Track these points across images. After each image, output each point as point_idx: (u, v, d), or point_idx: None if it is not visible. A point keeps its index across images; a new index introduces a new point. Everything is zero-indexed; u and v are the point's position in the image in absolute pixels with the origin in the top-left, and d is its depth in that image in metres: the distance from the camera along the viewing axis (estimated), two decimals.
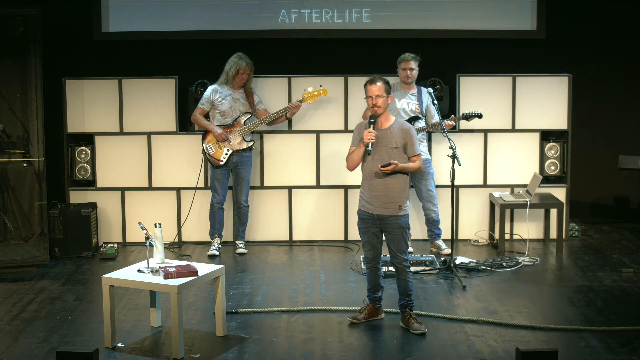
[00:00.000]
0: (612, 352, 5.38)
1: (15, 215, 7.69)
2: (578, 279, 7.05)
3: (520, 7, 8.54)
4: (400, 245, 5.78)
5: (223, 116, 7.76)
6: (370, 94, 5.73)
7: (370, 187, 5.78)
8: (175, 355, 5.34)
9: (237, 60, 7.65)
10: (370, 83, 5.76)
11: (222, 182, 7.83)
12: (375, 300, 6.01)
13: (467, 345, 5.56)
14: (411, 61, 7.62)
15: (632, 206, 9.03)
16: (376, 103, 5.71)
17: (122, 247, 8.21)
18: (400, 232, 5.77)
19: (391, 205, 5.73)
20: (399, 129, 5.77)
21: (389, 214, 5.74)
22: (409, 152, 5.76)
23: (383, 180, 5.72)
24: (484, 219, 8.33)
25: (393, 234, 5.77)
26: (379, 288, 5.99)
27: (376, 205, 5.76)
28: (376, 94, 5.70)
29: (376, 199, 5.75)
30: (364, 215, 5.84)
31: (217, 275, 5.73)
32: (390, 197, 5.72)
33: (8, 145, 7.63)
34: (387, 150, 5.72)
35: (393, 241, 5.79)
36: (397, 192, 5.74)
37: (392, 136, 5.74)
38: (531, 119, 8.29)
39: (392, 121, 5.81)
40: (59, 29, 8.44)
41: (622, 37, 8.77)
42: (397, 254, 5.80)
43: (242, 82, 7.72)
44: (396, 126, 5.78)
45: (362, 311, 6.01)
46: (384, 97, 5.72)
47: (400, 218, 5.76)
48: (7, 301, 6.53)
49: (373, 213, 5.77)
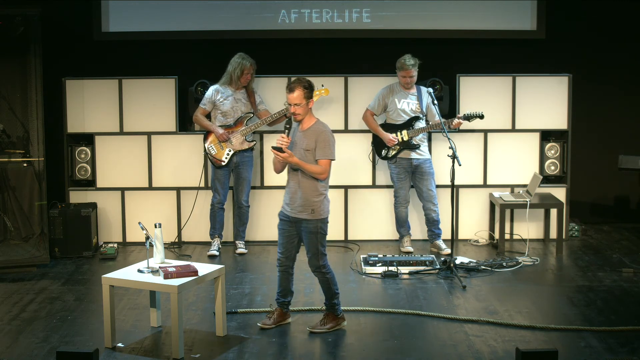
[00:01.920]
0: (612, 352, 5.38)
1: (15, 215, 7.69)
2: (578, 279, 7.05)
3: (520, 7, 8.54)
4: (313, 249, 5.72)
5: (225, 116, 7.76)
6: (289, 102, 5.66)
7: (287, 190, 5.77)
8: (175, 355, 5.34)
9: (240, 61, 7.64)
10: (289, 91, 5.65)
11: (223, 182, 7.83)
12: (283, 305, 5.96)
13: (467, 345, 5.56)
14: (412, 70, 7.61)
15: (632, 206, 9.03)
16: (295, 111, 5.65)
17: (122, 247, 8.21)
18: (312, 236, 5.71)
19: (304, 208, 5.69)
20: (314, 132, 5.69)
21: (302, 218, 5.71)
22: (317, 154, 5.66)
23: (296, 183, 5.69)
24: (484, 219, 8.33)
25: (306, 238, 5.73)
26: (288, 292, 5.94)
27: (292, 208, 5.73)
28: (294, 103, 5.64)
29: (291, 202, 5.73)
30: (282, 217, 5.81)
31: (217, 275, 5.73)
32: (303, 199, 5.68)
33: (8, 145, 7.64)
34: (301, 153, 5.67)
35: (306, 245, 5.75)
36: (310, 195, 5.67)
37: (305, 139, 5.69)
38: (531, 119, 8.29)
39: (312, 123, 5.73)
40: (59, 29, 8.44)
41: (621, 37, 8.77)
42: (310, 258, 5.76)
43: (246, 82, 7.72)
44: (313, 129, 5.71)
45: (270, 316, 5.95)
46: (303, 104, 5.63)
47: (311, 222, 5.69)
48: (7, 301, 6.53)
49: (289, 215, 5.75)
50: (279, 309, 5.95)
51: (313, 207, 5.67)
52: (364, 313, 6.20)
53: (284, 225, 5.81)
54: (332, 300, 5.84)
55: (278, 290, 5.96)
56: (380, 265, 7.21)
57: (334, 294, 5.82)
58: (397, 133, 7.75)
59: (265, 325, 5.88)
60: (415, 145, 7.75)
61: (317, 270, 5.79)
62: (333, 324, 5.85)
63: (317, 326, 5.82)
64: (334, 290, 5.82)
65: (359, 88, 8.23)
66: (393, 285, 6.87)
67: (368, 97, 7.99)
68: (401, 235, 7.99)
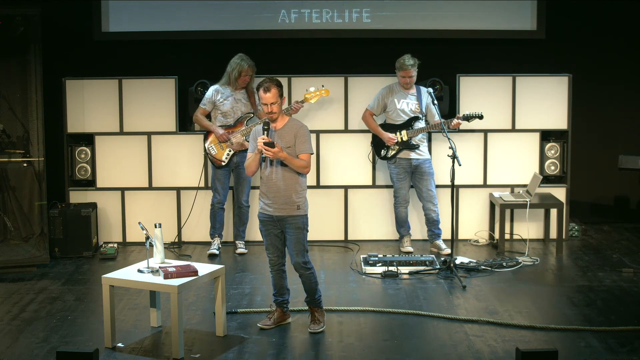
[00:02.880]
0: (612, 352, 5.38)
1: (15, 215, 7.69)
2: (578, 279, 7.05)
3: (520, 7, 8.54)
4: (298, 246, 5.75)
5: (225, 117, 7.76)
6: (264, 102, 5.64)
7: (268, 189, 5.75)
8: (175, 355, 5.34)
9: (239, 62, 7.64)
10: (264, 91, 5.63)
11: (223, 182, 7.83)
12: (282, 304, 5.97)
13: (467, 345, 5.56)
14: (411, 70, 7.61)
15: (632, 206, 9.03)
16: (272, 110, 5.65)
17: (122, 247, 8.21)
18: (299, 232, 5.73)
19: (289, 205, 5.71)
20: (291, 129, 5.72)
21: (287, 215, 5.72)
22: (297, 149, 5.70)
23: (278, 180, 5.70)
24: (484, 219, 8.33)
25: (291, 235, 5.74)
26: (285, 291, 5.96)
27: (275, 207, 5.73)
28: (270, 102, 5.63)
29: (275, 200, 5.72)
30: (264, 218, 5.81)
31: (217, 275, 5.73)
32: (287, 197, 5.70)
33: (8, 145, 7.64)
34: None
35: (292, 242, 5.76)
36: (295, 191, 5.71)
37: (283, 136, 5.71)
38: (531, 119, 8.29)
39: (286, 121, 5.76)
40: (59, 29, 8.44)
41: (622, 37, 8.77)
42: (295, 256, 5.77)
43: (245, 84, 7.72)
44: (288, 126, 5.74)
45: (270, 317, 5.95)
46: (278, 102, 5.65)
47: (298, 218, 5.73)
48: (7, 301, 6.53)
49: (272, 214, 5.75)
50: (279, 309, 5.96)
51: (298, 203, 5.72)
52: (364, 313, 6.20)
53: (267, 226, 5.83)
54: (315, 295, 5.87)
55: (274, 291, 5.97)
56: (380, 265, 7.21)
57: (316, 289, 5.86)
58: (397, 133, 7.75)
59: (265, 325, 5.88)
60: (415, 146, 7.75)
61: (302, 268, 5.79)
62: (323, 316, 5.90)
63: (314, 326, 5.83)
64: (315, 285, 5.85)
65: (359, 88, 8.23)
66: (393, 285, 6.87)
67: (368, 97, 7.99)
68: (401, 235, 7.99)
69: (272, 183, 5.74)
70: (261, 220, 5.85)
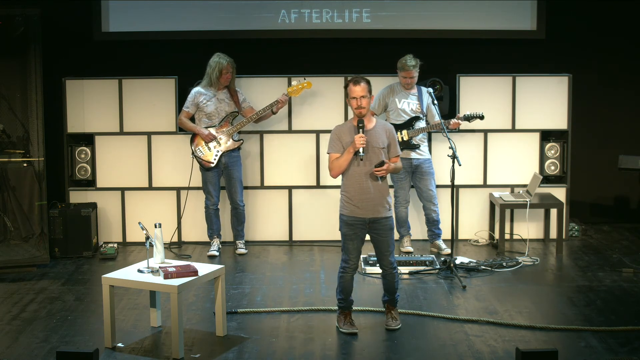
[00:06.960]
0: (612, 352, 5.38)
1: (15, 215, 7.69)
2: (578, 279, 7.05)
3: (520, 7, 8.54)
4: (390, 247, 5.76)
5: (209, 118, 7.72)
6: (354, 95, 5.59)
7: (361, 191, 5.63)
8: (175, 355, 5.34)
9: (218, 60, 7.61)
10: (354, 84, 5.61)
11: (214, 184, 7.81)
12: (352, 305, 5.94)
13: (467, 345, 5.56)
14: (413, 71, 7.61)
15: (632, 206, 9.04)
16: (361, 104, 5.59)
17: (122, 247, 8.21)
18: (390, 233, 5.75)
19: (383, 207, 5.70)
20: (382, 128, 5.72)
21: (381, 216, 5.69)
22: (392, 152, 5.72)
23: (374, 182, 5.65)
24: (484, 219, 8.33)
25: (384, 236, 5.71)
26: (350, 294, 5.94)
27: (367, 209, 5.66)
28: (360, 95, 5.58)
29: (368, 202, 5.65)
30: (353, 221, 5.68)
31: (217, 275, 5.73)
32: (381, 198, 5.68)
33: (8, 145, 7.63)
34: (375, 151, 5.65)
35: (383, 243, 5.72)
36: (387, 193, 5.73)
37: (377, 136, 5.68)
38: (531, 119, 8.29)
39: (375, 121, 5.75)
40: (59, 29, 8.44)
41: (622, 37, 8.77)
42: (387, 257, 5.76)
43: (227, 82, 7.68)
44: (380, 126, 5.73)
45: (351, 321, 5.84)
46: (368, 97, 5.62)
47: (390, 219, 5.75)
48: (7, 301, 6.53)
49: (364, 217, 5.66)
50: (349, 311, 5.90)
51: (390, 204, 5.74)
52: (364, 313, 6.19)
53: (356, 230, 5.71)
54: (395, 294, 5.90)
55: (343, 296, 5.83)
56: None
57: (397, 288, 5.88)
58: (397, 133, 7.75)
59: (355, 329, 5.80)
60: (415, 145, 7.75)
61: (392, 268, 5.79)
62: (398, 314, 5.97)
63: (394, 322, 5.85)
64: (398, 285, 5.88)
65: None
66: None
67: None
68: (401, 235, 7.99)
69: (365, 184, 5.64)
70: (349, 224, 5.69)
